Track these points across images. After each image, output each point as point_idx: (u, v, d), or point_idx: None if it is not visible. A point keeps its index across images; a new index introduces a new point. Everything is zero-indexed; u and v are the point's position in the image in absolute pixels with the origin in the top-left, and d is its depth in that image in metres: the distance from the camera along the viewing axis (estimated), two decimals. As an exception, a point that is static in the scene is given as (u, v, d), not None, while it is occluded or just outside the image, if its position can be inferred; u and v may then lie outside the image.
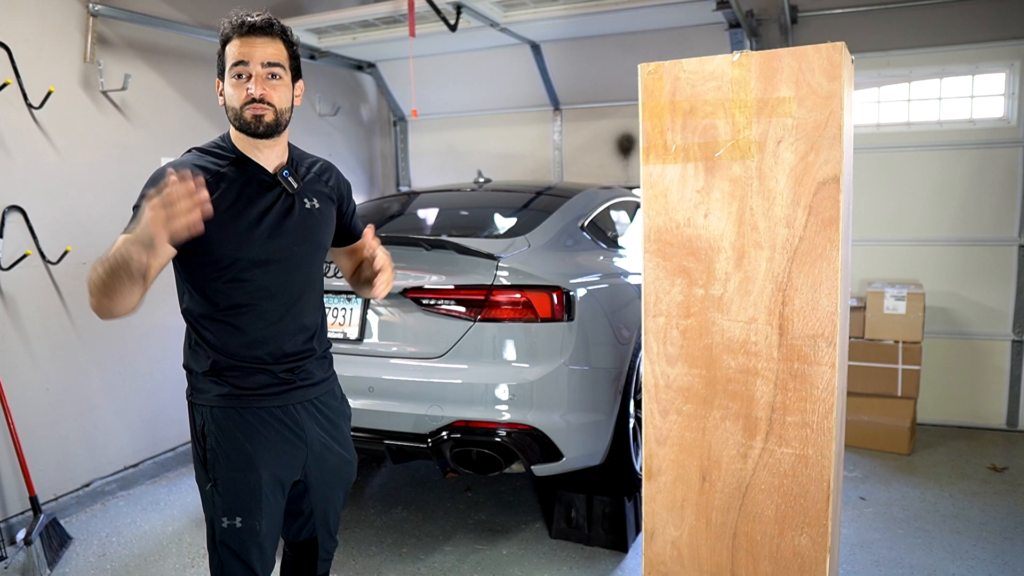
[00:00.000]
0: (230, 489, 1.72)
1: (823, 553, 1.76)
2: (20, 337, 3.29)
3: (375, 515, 3.44)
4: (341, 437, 1.91)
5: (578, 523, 3.11)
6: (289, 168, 1.79)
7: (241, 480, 1.72)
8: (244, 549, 1.75)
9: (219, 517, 1.73)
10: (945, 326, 4.51)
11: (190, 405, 1.79)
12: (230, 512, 1.72)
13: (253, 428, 1.73)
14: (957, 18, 4.30)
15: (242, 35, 1.68)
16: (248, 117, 1.67)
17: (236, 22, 1.69)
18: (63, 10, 3.45)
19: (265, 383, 1.75)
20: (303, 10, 4.97)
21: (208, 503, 1.76)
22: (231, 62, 1.68)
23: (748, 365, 1.79)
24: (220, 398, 1.73)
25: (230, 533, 1.73)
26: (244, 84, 1.67)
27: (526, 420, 2.65)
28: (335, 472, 1.90)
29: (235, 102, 1.68)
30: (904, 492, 3.60)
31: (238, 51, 1.67)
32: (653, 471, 1.93)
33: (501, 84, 5.48)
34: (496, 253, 2.75)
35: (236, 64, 1.67)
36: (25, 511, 3.24)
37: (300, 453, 1.80)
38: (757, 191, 1.74)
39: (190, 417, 1.80)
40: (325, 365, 1.90)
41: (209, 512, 1.77)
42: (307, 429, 1.81)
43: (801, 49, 1.67)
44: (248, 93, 1.66)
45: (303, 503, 1.89)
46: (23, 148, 3.30)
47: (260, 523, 1.74)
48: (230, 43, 1.69)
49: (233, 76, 1.68)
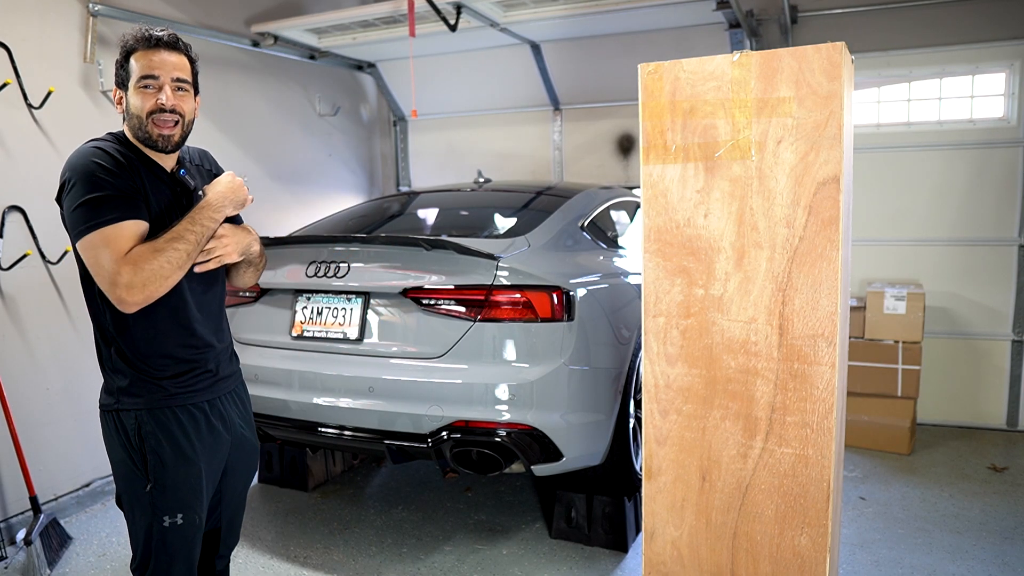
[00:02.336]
0: (172, 486, 1.75)
1: (823, 553, 1.76)
2: (20, 337, 3.29)
3: (375, 515, 3.44)
4: (252, 423, 2.04)
5: (578, 523, 3.11)
6: (182, 166, 1.86)
7: (183, 476, 1.76)
8: (186, 545, 1.79)
9: (159, 518, 1.75)
10: (945, 326, 4.51)
11: (113, 414, 1.77)
12: (172, 510, 1.75)
13: (188, 424, 1.79)
14: (957, 18, 4.29)
15: (150, 48, 1.75)
16: (154, 133, 1.74)
17: (144, 35, 1.75)
18: (63, 10, 3.45)
19: (194, 379, 1.81)
20: (303, 10, 4.97)
21: (144, 508, 1.76)
22: (140, 74, 1.73)
23: (748, 365, 1.79)
24: (154, 400, 1.76)
25: (172, 531, 1.75)
26: (153, 95, 1.73)
27: (526, 420, 2.65)
28: (249, 456, 2.00)
29: (141, 111, 1.73)
30: (904, 492, 3.60)
31: (148, 63, 1.73)
32: (653, 471, 1.93)
33: (501, 84, 5.48)
34: (496, 253, 2.75)
35: (146, 76, 1.73)
36: (25, 511, 3.24)
37: (226, 442, 1.89)
38: (757, 191, 1.74)
39: (113, 426, 1.78)
40: (234, 357, 2.02)
41: (145, 518, 1.76)
42: (231, 418, 1.92)
43: (801, 49, 1.67)
44: (159, 102, 1.72)
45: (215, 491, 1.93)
46: (23, 148, 3.30)
47: (199, 516, 1.80)
48: (136, 55, 1.75)
49: (141, 87, 1.73)
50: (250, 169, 4.63)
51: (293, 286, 3.02)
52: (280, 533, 3.29)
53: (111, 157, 1.69)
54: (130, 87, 1.75)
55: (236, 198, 1.83)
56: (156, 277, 1.63)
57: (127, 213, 1.65)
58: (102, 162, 1.67)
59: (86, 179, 1.65)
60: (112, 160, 1.69)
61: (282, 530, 3.32)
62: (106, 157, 1.69)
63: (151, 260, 1.62)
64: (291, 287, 3.03)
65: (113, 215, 1.63)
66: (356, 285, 2.89)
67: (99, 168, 1.66)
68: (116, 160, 1.69)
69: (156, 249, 1.64)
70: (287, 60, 4.92)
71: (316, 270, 2.95)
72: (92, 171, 1.66)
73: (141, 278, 1.61)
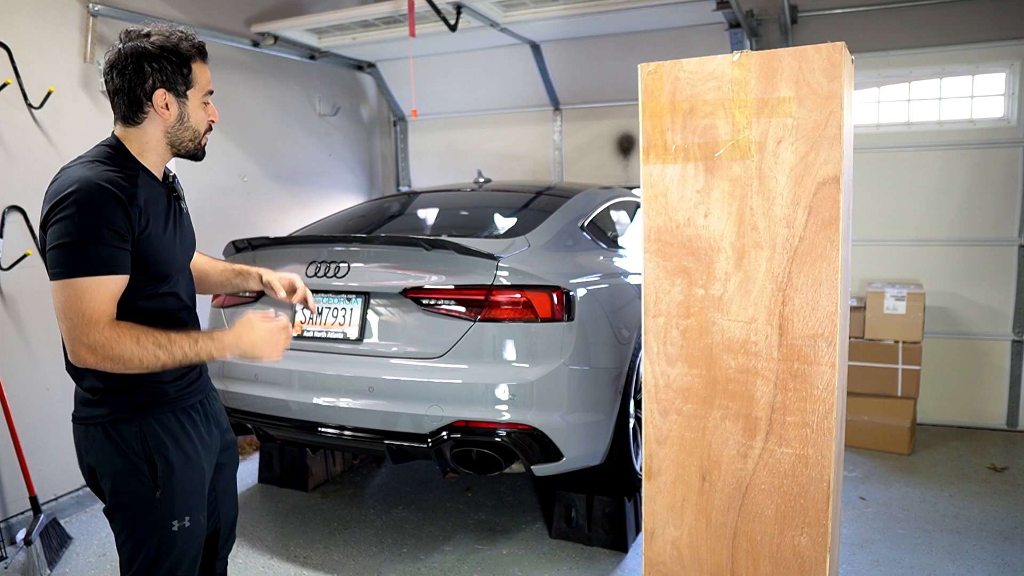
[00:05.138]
0: (181, 491, 1.72)
1: (823, 553, 1.76)
2: (20, 337, 3.29)
3: (375, 515, 3.44)
4: (227, 417, 2.02)
5: (578, 523, 3.11)
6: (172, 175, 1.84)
7: (188, 479, 1.73)
8: (193, 547, 1.77)
9: (168, 523, 1.70)
10: (945, 326, 4.51)
11: (106, 426, 1.69)
12: (180, 514, 1.72)
13: (189, 426, 1.77)
14: (957, 18, 4.29)
15: (205, 59, 1.74)
16: (203, 145, 1.75)
17: (199, 44, 1.73)
18: (63, 10, 3.45)
19: (187, 382, 1.79)
20: (303, 10, 4.97)
21: (149, 516, 1.70)
22: (207, 88, 1.73)
23: (748, 365, 1.79)
24: (157, 405, 1.72)
25: (181, 535, 1.72)
26: (212, 109, 1.74)
27: (526, 420, 2.65)
28: (234, 453, 2.00)
29: (200, 124, 1.73)
30: (904, 492, 3.60)
31: (208, 77, 1.73)
32: (653, 471, 1.93)
33: (501, 84, 5.48)
34: (496, 253, 2.75)
35: (209, 91, 1.73)
36: (25, 511, 3.24)
37: (217, 440, 1.89)
38: (757, 191, 1.74)
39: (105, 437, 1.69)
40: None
41: (149, 526, 1.70)
42: (218, 416, 1.92)
43: (801, 49, 1.67)
44: (214, 119, 1.74)
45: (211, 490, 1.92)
46: (23, 148, 3.30)
47: (203, 517, 1.79)
48: (195, 63, 1.72)
49: (204, 101, 1.73)
50: (250, 169, 4.63)
51: (293, 286, 3.01)
52: (280, 533, 3.29)
53: (115, 188, 1.57)
54: (192, 96, 1.70)
55: (275, 347, 1.77)
56: (118, 361, 1.55)
57: (112, 265, 1.56)
58: (103, 198, 1.55)
59: (83, 213, 1.52)
60: (115, 192, 1.56)
61: (282, 530, 3.32)
62: (109, 190, 1.55)
63: (125, 346, 1.54)
64: (291, 287, 3.03)
65: (99, 267, 1.54)
66: (356, 285, 2.89)
67: (101, 203, 1.54)
68: (119, 190, 1.57)
69: (138, 341, 1.56)
70: (287, 60, 4.92)
71: (316, 270, 2.95)
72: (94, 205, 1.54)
73: (106, 353, 1.54)
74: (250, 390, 2.98)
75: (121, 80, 1.66)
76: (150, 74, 1.66)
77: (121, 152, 1.68)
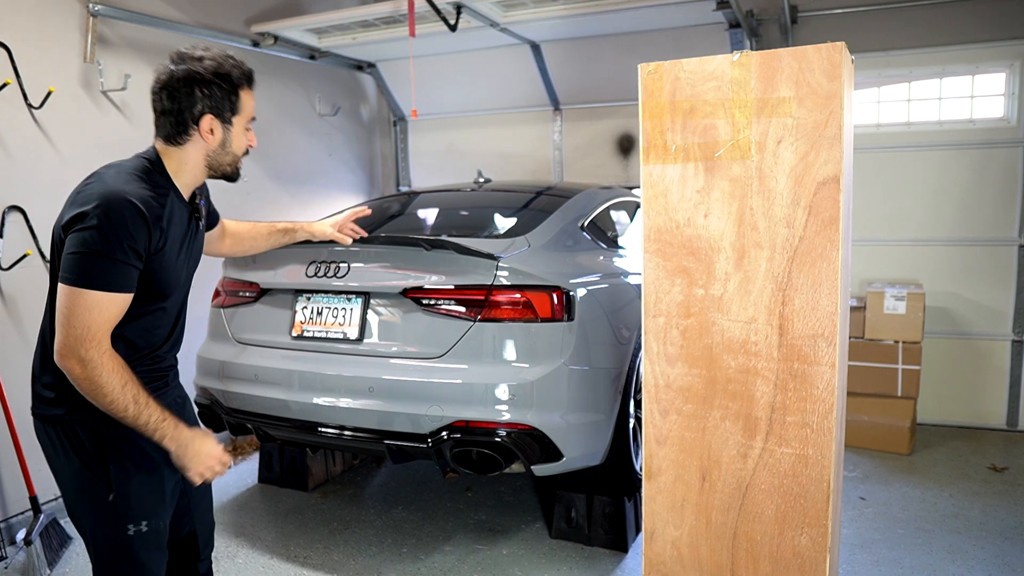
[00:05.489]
0: (136, 494, 1.70)
1: (823, 553, 1.76)
2: (20, 337, 3.29)
3: (375, 515, 3.44)
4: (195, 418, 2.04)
5: (578, 523, 3.11)
6: (198, 194, 1.85)
7: (146, 482, 1.70)
8: (151, 554, 1.73)
9: (123, 526, 1.69)
10: (945, 326, 4.51)
11: (63, 424, 1.70)
12: (136, 518, 1.70)
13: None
14: (957, 18, 4.30)
15: (252, 86, 1.77)
16: (240, 168, 1.81)
17: (248, 71, 1.75)
18: (63, 10, 3.45)
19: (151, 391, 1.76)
20: (303, 10, 4.97)
21: (105, 519, 1.69)
22: (252, 114, 1.78)
23: (748, 365, 1.79)
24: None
25: (137, 540, 1.70)
26: (252, 136, 1.81)
27: (526, 420, 2.65)
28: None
29: (240, 150, 1.79)
30: (904, 492, 3.60)
31: (254, 104, 1.77)
32: (653, 471, 1.93)
33: (501, 84, 5.48)
34: (496, 253, 2.75)
35: (253, 117, 1.79)
36: (25, 511, 3.24)
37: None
38: (757, 191, 1.74)
39: (61, 436, 1.70)
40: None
41: (105, 529, 1.70)
42: (184, 414, 1.90)
43: (801, 49, 1.67)
44: (252, 146, 1.80)
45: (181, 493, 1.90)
46: (23, 148, 3.30)
47: (163, 522, 1.75)
48: (244, 90, 1.75)
49: (248, 126, 1.78)
50: (250, 169, 4.63)
51: (293, 286, 3.02)
52: (280, 533, 3.29)
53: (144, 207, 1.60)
54: (236, 123, 1.75)
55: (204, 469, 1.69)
56: (96, 388, 1.56)
57: (125, 284, 1.59)
58: (131, 215, 1.57)
59: (109, 228, 1.55)
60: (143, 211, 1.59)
61: (282, 530, 3.32)
62: (137, 208, 1.58)
63: (111, 380, 1.56)
64: (291, 287, 3.03)
65: (112, 284, 1.57)
66: (356, 285, 2.89)
67: (128, 219, 1.57)
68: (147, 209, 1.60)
69: (124, 386, 1.57)
70: (287, 60, 4.92)
71: (316, 270, 2.95)
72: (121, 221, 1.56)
73: (91, 373, 1.55)
74: (250, 390, 2.98)
75: (171, 102, 1.69)
76: (200, 99, 1.69)
77: (158, 169, 1.72)
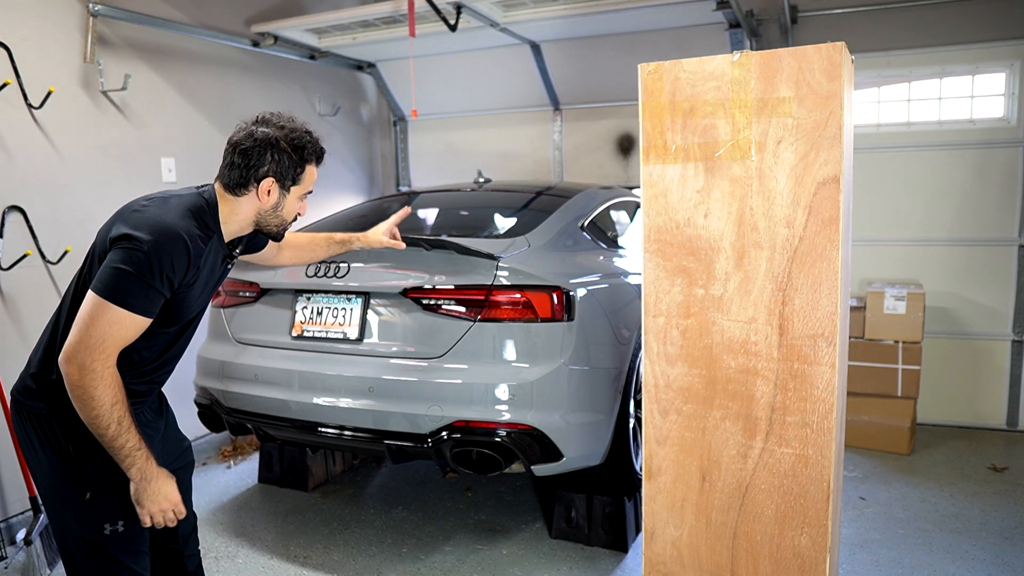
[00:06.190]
0: (112, 492, 1.70)
1: (823, 553, 1.76)
2: (20, 337, 3.29)
3: (375, 515, 3.44)
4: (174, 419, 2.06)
5: (578, 523, 3.11)
6: (238, 240, 1.91)
7: (123, 481, 1.69)
8: (130, 553, 1.73)
9: (100, 525, 1.69)
10: (945, 326, 4.51)
11: (41, 417, 1.72)
12: (112, 517, 1.70)
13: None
14: (957, 18, 4.30)
15: (319, 164, 1.87)
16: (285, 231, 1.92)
17: (320, 149, 1.86)
18: (63, 10, 3.46)
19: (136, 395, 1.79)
20: (303, 10, 4.97)
21: (82, 516, 1.70)
22: (309, 188, 1.88)
23: (748, 365, 1.79)
24: None
25: (113, 539, 1.70)
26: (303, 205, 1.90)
27: (526, 420, 2.65)
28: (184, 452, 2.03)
29: (291, 217, 1.89)
30: (904, 492, 3.60)
31: (314, 177, 1.87)
32: (653, 471, 1.93)
33: (501, 84, 5.48)
34: (496, 253, 2.75)
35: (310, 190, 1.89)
36: (25, 511, 3.24)
37: (158, 440, 1.89)
38: (757, 191, 1.74)
39: (39, 428, 1.72)
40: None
41: (81, 527, 1.70)
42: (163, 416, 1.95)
43: (801, 49, 1.67)
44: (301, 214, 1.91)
45: None
46: (23, 148, 3.30)
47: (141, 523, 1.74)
48: (310, 165, 1.84)
49: (303, 197, 1.89)
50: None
51: (293, 286, 3.02)
52: (280, 533, 3.29)
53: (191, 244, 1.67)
54: (293, 192, 1.84)
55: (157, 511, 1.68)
56: (86, 397, 1.57)
57: (150, 310, 1.64)
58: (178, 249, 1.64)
59: (155, 256, 1.61)
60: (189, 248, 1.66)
61: (282, 530, 3.32)
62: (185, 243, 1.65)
63: (103, 396, 1.57)
64: (291, 287, 3.03)
65: (140, 306, 1.61)
66: (356, 285, 2.89)
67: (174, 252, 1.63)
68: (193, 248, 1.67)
69: (113, 405, 1.59)
70: (287, 60, 4.92)
71: (316, 270, 2.95)
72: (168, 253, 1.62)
73: (87, 382, 1.56)
74: (250, 390, 2.98)
75: (242, 159, 1.76)
76: (268, 162, 1.77)
77: (211, 212, 1.78)
